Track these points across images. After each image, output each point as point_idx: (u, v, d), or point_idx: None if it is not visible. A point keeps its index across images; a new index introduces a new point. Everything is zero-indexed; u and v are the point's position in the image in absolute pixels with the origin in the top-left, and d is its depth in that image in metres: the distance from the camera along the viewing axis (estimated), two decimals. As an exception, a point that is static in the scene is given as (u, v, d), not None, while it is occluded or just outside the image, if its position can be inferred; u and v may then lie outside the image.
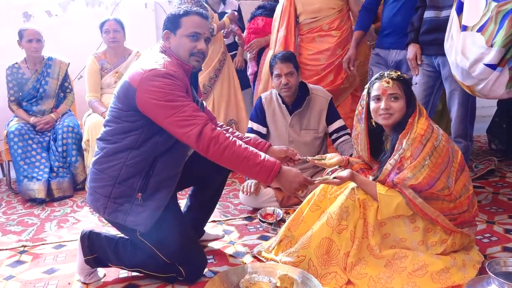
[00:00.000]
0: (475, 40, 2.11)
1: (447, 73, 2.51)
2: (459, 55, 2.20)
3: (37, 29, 3.22)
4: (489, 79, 2.12)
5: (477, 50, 2.10)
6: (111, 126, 1.80)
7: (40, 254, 2.20)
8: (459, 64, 2.21)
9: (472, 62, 2.13)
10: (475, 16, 2.10)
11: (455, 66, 2.27)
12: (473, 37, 2.12)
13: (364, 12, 3.05)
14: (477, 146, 3.96)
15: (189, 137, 1.65)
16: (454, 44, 2.24)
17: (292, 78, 2.65)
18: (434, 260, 1.81)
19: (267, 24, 3.44)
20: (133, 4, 4.23)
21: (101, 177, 1.78)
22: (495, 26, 2.03)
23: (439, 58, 2.56)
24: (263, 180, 1.70)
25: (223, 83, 3.57)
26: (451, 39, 2.28)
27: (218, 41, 3.53)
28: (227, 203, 2.84)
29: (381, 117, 1.88)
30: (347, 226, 1.84)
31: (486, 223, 2.37)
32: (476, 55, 2.10)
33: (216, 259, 2.10)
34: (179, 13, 1.83)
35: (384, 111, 1.85)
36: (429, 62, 2.65)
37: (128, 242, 1.88)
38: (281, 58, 2.66)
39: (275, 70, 2.67)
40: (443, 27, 2.45)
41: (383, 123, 1.91)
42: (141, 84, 1.68)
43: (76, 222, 2.62)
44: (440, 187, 1.78)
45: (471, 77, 2.19)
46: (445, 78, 2.56)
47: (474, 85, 2.21)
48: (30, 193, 2.95)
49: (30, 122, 3.21)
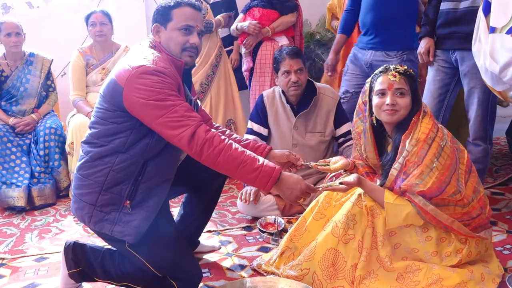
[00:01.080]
0: (505, 43, 2.11)
1: (466, 69, 2.51)
2: (488, 58, 2.19)
3: (16, 22, 3.22)
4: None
5: (507, 54, 2.09)
6: (96, 128, 1.79)
7: (20, 268, 2.20)
8: (488, 69, 2.20)
9: (502, 66, 2.12)
10: (504, 17, 2.10)
11: (484, 71, 2.27)
12: (502, 39, 2.12)
13: (346, 14, 3.14)
14: (497, 149, 3.97)
15: (181, 140, 1.65)
16: (482, 47, 2.24)
17: (302, 75, 2.66)
18: (450, 273, 1.81)
19: (264, 16, 3.44)
20: (122, -6, 4.25)
21: (86, 184, 1.77)
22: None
23: (457, 53, 2.57)
24: (261, 187, 1.70)
25: (219, 81, 3.60)
26: (478, 42, 2.27)
27: (214, 35, 3.56)
28: (224, 212, 2.85)
29: (385, 113, 1.88)
30: (354, 235, 1.84)
31: (507, 233, 2.37)
32: (507, 59, 2.09)
33: (212, 273, 2.10)
34: (169, 4, 1.83)
35: (389, 107, 1.85)
36: (445, 58, 2.65)
37: (115, 254, 1.88)
38: (290, 53, 2.66)
39: (283, 67, 2.66)
40: (462, 20, 2.45)
41: (387, 120, 1.90)
42: (128, 82, 1.67)
43: (59, 233, 2.62)
44: (451, 191, 1.78)
45: (502, 82, 2.19)
46: (464, 75, 2.57)
47: (506, 91, 2.21)
48: (9, 201, 2.95)
49: (9, 124, 3.21)
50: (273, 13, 3.45)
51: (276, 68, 2.74)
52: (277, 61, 2.72)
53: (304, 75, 2.68)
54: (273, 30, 3.44)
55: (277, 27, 3.45)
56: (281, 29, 3.47)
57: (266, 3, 3.46)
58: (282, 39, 3.47)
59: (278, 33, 3.48)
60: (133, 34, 3.92)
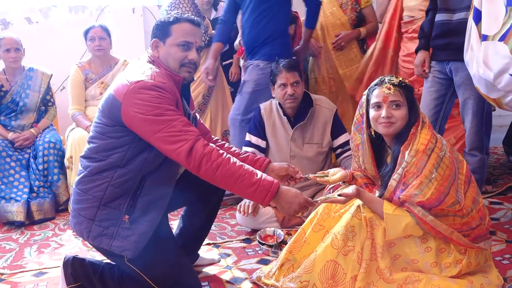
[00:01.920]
0: (498, 50, 2.10)
1: (460, 80, 2.51)
2: (481, 66, 2.18)
3: (15, 38, 3.22)
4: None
5: (502, 60, 2.08)
6: (95, 142, 1.78)
7: (19, 283, 2.17)
8: (482, 76, 2.19)
9: (496, 74, 2.11)
10: (495, 24, 2.10)
11: (477, 79, 2.26)
12: (495, 46, 2.11)
13: (220, 25, 3.19)
14: (494, 159, 3.96)
15: (179, 154, 1.64)
16: (475, 55, 2.23)
17: (298, 88, 2.65)
18: (450, 284, 1.78)
19: None
20: (120, 9, 4.25)
21: (85, 198, 1.76)
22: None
23: (451, 64, 2.57)
24: (259, 201, 1.69)
25: (217, 93, 3.61)
26: (471, 50, 2.27)
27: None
28: (223, 224, 2.82)
29: (382, 126, 1.87)
30: (354, 247, 1.81)
31: (506, 243, 2.35)
32: (501, 66, 2.08)
33: (211, 286, 2.07)
34: (169, 20, 1.83)
35: (385, 120, 1.84)
36: (440, 69, 2.65)
37: (115, 269, 1.86)
38: (286, 66, 2.66)
39: (279, 79, 2.66)
40: (456, 31, 2.45)
41: (384, 132, 1.89)
42: (126, 97, 1.67)
43: (58, 247, 2.59)
44: (450, 202, 1.76)
45: (496, 90, 2.18)
46: (458, 86, 2.56)
47: (501, 98, 2.20)
48: (7, 216, 2.91)
49: (8, 138, 3.19)
50: None
51: (272, 80, 2.73)
52: (273, 74, 2.71)
53: (300, 87, 2.67)
54: None
55: None
56: None
57: None
58: None
59: None
60: (132, 49, 3.93)
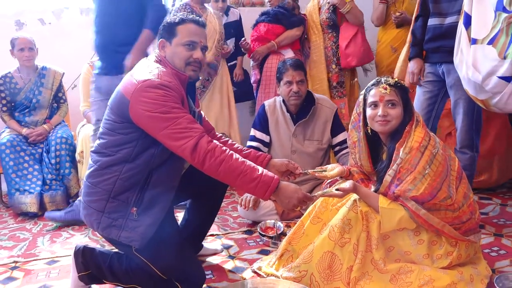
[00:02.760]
0: (487, 53, 2.11)
1: (452, 81, 2.52)
2: (470, 69, 2.19)
3: (29, 38, 3.24)
4: (504, 92, 2.11)
5: (490, 63, 2.10)
6: (105, 138, 1.80)
7: (32, 270, 2.20)
8: (471, 78, 2.20)
9: (485, 76, 2.13)
10: (484, 29, 2.11)
11: (466, 81, 2.27)
12: (484, 50, 2.12)
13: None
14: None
15: (184, 150, 1.66)
16: (464, 58, 2.24)
17: (303, 86, 2.69)
18: (441, 274, 1.81)
19: (269, 30, 3.46)
20: (128, 11, 4.25)
21: (95, 191, 1.77)
22: (507, 37, 2.03)
23: (444, 66, 2.57)
24: (260, 196, 1.70)
25: (213, 96, 3.51)
26: (460, 53, 2.28)
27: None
28: (226, 216, 2.85)
29: (378, 124, 1.89)
30: (350, 239, 1.84)
31: (494, 236, 2.37)
32: (489, 68, 2.10)
33: (214, 275, 2.10)
34: (174, 21, 1.84)
35: (382, 118, 1.87)
36: (433, 71, 2.66)
37: (123, 258, 1.87)
38: (293, 65, 2.70)
39: (286, 77, 2.69)
40: (447, 34, 2.45)
41: (380, 130, 1.91)
42: (134, 96, 1.68)
43: (70, 237, 2.62)
44: (442, 196, 1.78)
45: (484, 91, 2.19)
46: (450, 87, 2.57)
47: (488, 99, 2.21)
48: (22, 207, 2.96)
49: (22, 134, 3.22)
50: (278, 27, 3.47)
51: (279, 78, 2.76)
52: (280, 71, 2.75)
53: (304, 86, 2.71)
54: (278, 44, 3.45)
55: (282, 41, 3.46)
56: (286, 43, 3.49)
57: (272, 18, 3.48)
58: (287, 52, 3.48)
59: (284, 46, 3.49)
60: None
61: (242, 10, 4.08)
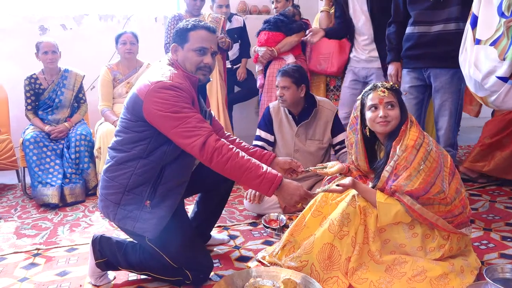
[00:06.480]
0: (488, 54, 2.09)
1: (440, 84, 2.49)
2: (472, 67, 2.18)
3: (52, 41, 3.25)
4: (501, 91, 2.09)
5: (490, 63, 2.08)
6: (121, 136, 1.79)
7: (53, 257, 2.20)
8: (472, 76, 2.19)
9: (484, 75, 2.11)
10: (489, 31, 2.09)
11: (468, 78, 2.26)
12: (486, 50, 2.10)
13: None
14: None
15: (193, 148, 1.65)
16: (468, 57, 2.22)
17: (288, 92, 2.65)
18: (433, 265, 1.79)
19: (270, 38, 3.44)
20: (144, 18, 4.27)
21: (112, 185, 1.77)
22: (508, 40, 2.01)
23: (431, 71, 2.54)
24: (264, 192, 1.69)
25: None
26: (465, 52, 2.26)
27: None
28: (232, 209, 2.83)
29: (379, 125, 1.87)
30: (348, 232, 1.82)
31: (483, 230, 2.35)
32: (489, 68, 2.08)
33: (222, 263, 2.09)
34: (187, 27, 1.82)
35: (382, 119, 1.85)
36: (418, 76, 2.63)
37: (137, 247, 1.87)
38: (281, 72, 2.70)
39: (276, 82, 2.72)
40: (435, 42, 2.43)
41: (381, 131, 1.89)
42: (147, 96, 1.67)
43: (88, 227, 2.62)
44: (436, 191, 1.76)
45: (483, 89, 2.17)
46: (437, 90, 2.54)
47: (487, 97, 2.19)
48: (44, 198, 2.96)
49: (45, 130, 3.23)
50: (278, 35, 3.44)
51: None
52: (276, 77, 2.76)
53: (290, 92, 2.64)
54: (278, 51, 3.43)
55: (282, 47, 3.43)
56: (286, 49, 3.45)
57: (272, 26, 3.46)
58: (289, 57, 3.45)
59: (285, 52, 3.46)
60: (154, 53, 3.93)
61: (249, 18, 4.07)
